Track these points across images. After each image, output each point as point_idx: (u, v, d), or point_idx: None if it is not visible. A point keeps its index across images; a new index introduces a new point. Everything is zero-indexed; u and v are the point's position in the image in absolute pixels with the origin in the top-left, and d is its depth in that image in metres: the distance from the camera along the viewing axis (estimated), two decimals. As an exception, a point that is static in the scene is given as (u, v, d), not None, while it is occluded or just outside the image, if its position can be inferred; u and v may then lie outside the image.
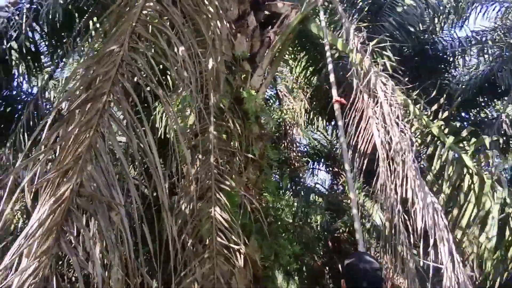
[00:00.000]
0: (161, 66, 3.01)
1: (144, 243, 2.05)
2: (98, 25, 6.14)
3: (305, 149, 12.94)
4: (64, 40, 6.77)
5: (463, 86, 9.77)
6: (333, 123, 10.04)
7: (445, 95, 9.36)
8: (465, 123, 9.86)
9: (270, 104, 10.80)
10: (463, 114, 10.24)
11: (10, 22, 6.35)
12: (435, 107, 5.22)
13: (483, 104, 10.45)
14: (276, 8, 5.89)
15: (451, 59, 10.20)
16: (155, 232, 2.18)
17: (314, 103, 9.76)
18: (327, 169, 13.51)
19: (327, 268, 12.07)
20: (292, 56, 9.18)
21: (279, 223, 5.47)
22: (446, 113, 5.11)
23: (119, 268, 1.64)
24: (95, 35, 4.44)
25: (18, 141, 5.75)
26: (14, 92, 7.72)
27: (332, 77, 4.85)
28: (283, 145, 9.89)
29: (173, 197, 4.83)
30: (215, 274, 4.13)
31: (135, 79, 2.53)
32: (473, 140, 4.85)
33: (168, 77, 5.62)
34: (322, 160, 13.11)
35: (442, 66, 10.06)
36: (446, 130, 5.08)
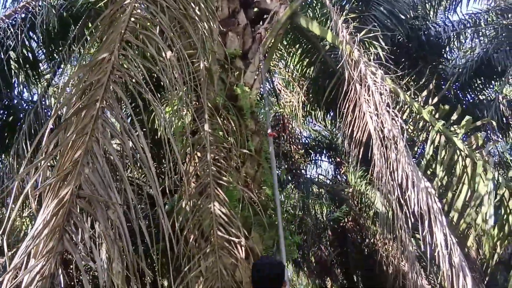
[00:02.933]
0: (158, 70, 3.14)
1: (145, 239, 2.19)
2: (92, 32, 6.27)
3: (306, 141, 13.06)
4: (60, 48, 6.90)
5: (459, 70, 9.84)
6: (331, 113, 10.15)
7: (441, 80, 9.50)
8: (464, 106, 9.94)
9: (267, 98, 10.89)
10: (461, 97, 10.30)
11: (6, 32, 6.47)
12: (425, 93, 5.33)
13: (480, 86, 10.50)
14: (266, 4, 6.00)
15: (445, 44, 10.26)
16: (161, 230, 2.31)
17: (311, 94, 9.85)
18: (329, 160, 13.64)
19: (334, 257, 12.24)
20: (287, 50, 9.28)
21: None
22: (436, 99, 5.22)
23: (119, 262, 1.78)
24: (90, 41, 4.57)
25: (21, 148, 5.90)
26: (15, 101, 7.85)
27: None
28: (282, 138, 10.01)
29: (174, 195, 4.97)
30: (218, 267, 4.28)
31: (128, 85, 2.66)
32: (463, 122, 4.95)
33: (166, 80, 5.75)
34: (324, 151, 13.24)
35: (437, 51, 10.12)
36: (437, 115, 5.20)
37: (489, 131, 8.72)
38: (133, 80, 2.46)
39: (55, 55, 7.25)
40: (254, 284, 2.73)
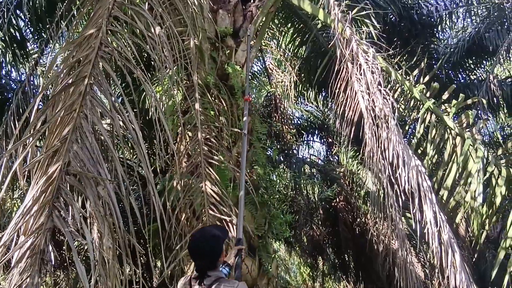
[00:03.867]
0: (147, 47, 3.09)
1: (137, 219, 2.19)
2: (79, 8, 6.15)
3: (298, 121, 13.04)
4: (48, 26, 6.78)
5: (451, 49, 9.83)
6: (323, 93, 10.13)
7: (433, 59, 9.48)
8: (455, 85, 9.93)
9: (259, 78, 10.85)
10: (452, 76, 10.31)
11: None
12: (416, 72, 5.32)
13: (472, 66, 10.51)
14: (257, -19, 5.91)
15: (437, 23, 10.22)
16: (152, 209, 2.31)
17: (303, 74, 9.80)
18: (321, 140, 13.66)
19: (326, 237, 12.36)
20: (278, 29, 9.20)
21: (271, 194, 5.62)
22: (427, 78, 5.21)
23: (110, 238, 1.78)
24: (77, 17, 4.49)
25: (9, 128, 5.84)
26: (3, 81, 7.75)
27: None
28: (274, 118, 9.98)
29: (166, 174, 4.96)
30: (210, 246, 4.29)
31: (117, 61, 2.61)
32: (454, 102, 4.96)
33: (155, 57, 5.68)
34: (316, 131, 13.24)
35: (429, 30, 10.08)
36: (428, 94, 5.19)
37: (479, 111, 8.76)
38: (122, 56, 2.42)
39: (42, 34, 7.13)
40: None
